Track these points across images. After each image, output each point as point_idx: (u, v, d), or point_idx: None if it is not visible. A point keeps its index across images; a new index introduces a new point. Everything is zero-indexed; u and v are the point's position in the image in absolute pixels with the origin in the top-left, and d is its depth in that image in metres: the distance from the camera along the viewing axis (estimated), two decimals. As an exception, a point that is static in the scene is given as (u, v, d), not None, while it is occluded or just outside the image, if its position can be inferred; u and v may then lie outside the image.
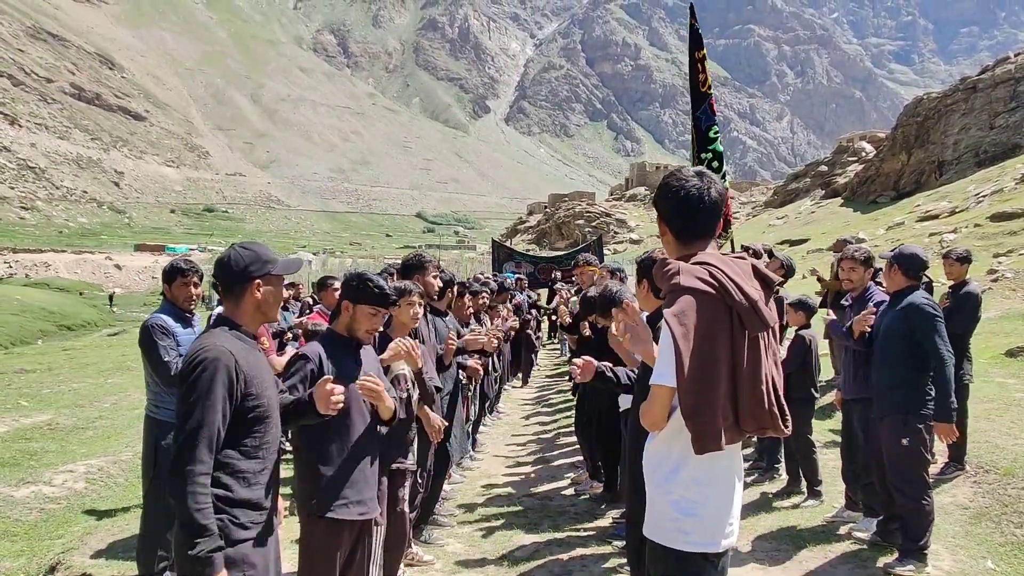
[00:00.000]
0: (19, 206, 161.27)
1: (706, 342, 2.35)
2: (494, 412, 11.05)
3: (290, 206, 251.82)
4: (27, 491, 7.17)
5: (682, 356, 2.31)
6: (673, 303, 2.40)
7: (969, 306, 6.79)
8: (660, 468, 2.51)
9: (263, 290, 2.88)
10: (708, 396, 2.34)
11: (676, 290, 2.41)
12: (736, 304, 2.41)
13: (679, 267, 2.46)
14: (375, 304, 3.59)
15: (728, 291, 2.41)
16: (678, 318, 2.35)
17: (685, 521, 2.44)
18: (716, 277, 2.42)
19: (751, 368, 2.43)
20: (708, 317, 2.37)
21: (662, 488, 2.49)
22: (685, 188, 2.54)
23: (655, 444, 2.55)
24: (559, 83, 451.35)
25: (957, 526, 5.47)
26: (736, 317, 2.42)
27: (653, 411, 2.44)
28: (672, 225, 2.61)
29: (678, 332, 2.33)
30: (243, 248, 2.91)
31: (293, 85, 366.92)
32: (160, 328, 4.84)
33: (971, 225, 24.48)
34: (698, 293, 2.39)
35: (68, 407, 11.81)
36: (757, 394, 2.43)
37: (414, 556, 5.23)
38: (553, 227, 76.37)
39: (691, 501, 2.45)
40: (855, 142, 54.93)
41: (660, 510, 2.50)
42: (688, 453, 2.43)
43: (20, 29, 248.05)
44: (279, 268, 2.93)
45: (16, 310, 37.79)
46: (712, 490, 2.48)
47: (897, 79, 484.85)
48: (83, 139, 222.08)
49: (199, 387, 2.61)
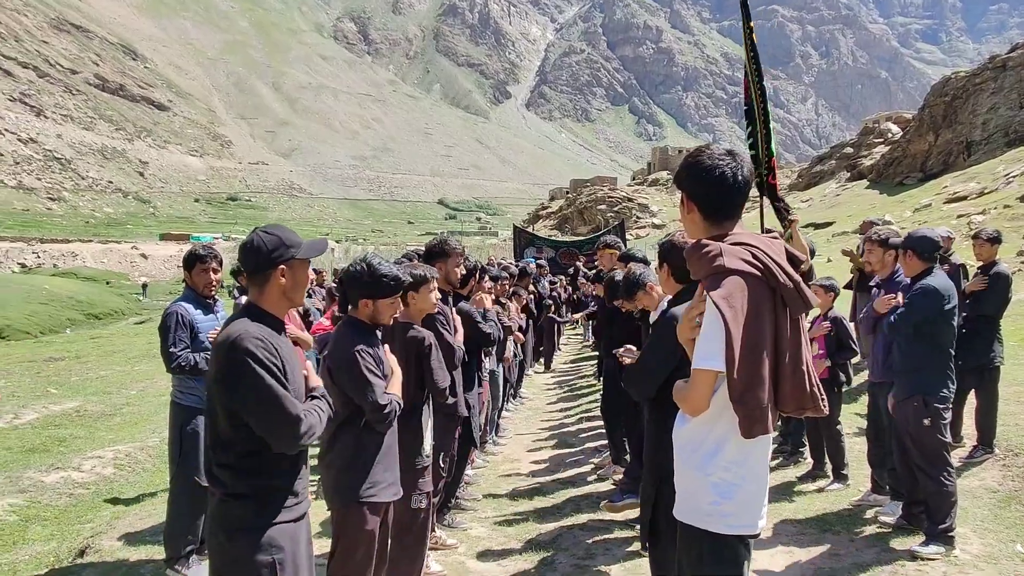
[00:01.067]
0: (46, 197, 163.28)
1: (754, 324, 2.33)
2: (517, 397, 11.07)
3: (312, 194, 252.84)
4: (57, 476, 7.28)
5: (733, 339, 2.28)
6: (718, 285, 2.35)
7: (1000, 287, 6.70)
8: (698, 451, 2.47)
9: (288, 274, 2.83)
10: (758, 379, 2.32)
11: (721, 272, 2.36)
12: (780, 285, 2.40)
13: (721, 248, 2.40)
14: (393, 294, 3.59)
15: (772, 272, 2.39)
16: (727, 300, 2.31)
17: (725, 504, 2.42)
18: (759, 258, 2.40)
19: (793, 350, 2.42)
20: (755, 299, 2.35)
21: (701, 471, 2.46)
22: (719, 167, 2.48)
23: (692, 427, 2.51)
24: (580, 67, 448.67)
25: (986, 509, 5.41)
26: (779, 298, 2.40)
27: (696, 395, 2.40)
28: (702, 205, 2.53)
29: (728, 315, 2.29)
30: (266, 233, 2.85)
31: (314, 73, 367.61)
32: (179, 318, 4.87)
33: (1000, 206, 24.13)
34: (744, 275, 2.36)
35: (96, 394, 11.98)
36: (798, 375, 2.43)
37: (438, 540, 5.24)
38: (575, 212, 76.09)
39: (730, 483, 2.43)
40: (881, 123, 54.21)
41: (698, 493, 2.47)
42: (727, 435, 2.41)
43: (44, 21, 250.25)
44: (303, 252, 2.87)
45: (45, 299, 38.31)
46: (750, 471, 2.46)
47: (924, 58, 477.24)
48: (108, 130, 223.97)
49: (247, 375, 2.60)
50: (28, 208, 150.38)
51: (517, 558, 5.16)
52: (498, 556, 5.21)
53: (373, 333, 3.65)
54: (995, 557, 4.67)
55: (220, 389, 2.66)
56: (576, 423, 9.61)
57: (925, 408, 4.83)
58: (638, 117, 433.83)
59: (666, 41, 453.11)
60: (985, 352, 6.63)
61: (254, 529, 2.64)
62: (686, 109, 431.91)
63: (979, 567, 4.55)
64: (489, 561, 5.12)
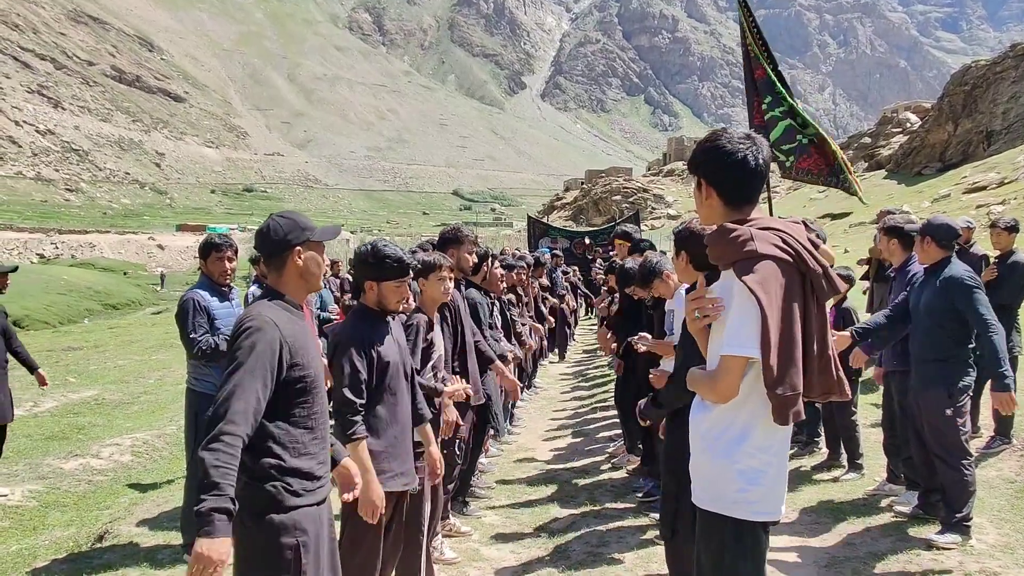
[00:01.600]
0: (64, 188, 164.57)
1: (788, 310, 2.32)
2: (532, 387, 11.08)
3: (328, 185, 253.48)
4: (76, 463, 7.37)
5: (769, 325, 2.27)
6: (750, 270, 2.33)
7: (1017, 276, 6.65)
8: (722, 437, 2.46)
9: (304, 256, 2.85)
10: (793, 365, 2.31)
11: (753, 257, 2.35)
12: (810, 271, 2.40)
13: (751, 232, 2.39)
14: (398, 277, 3.59)
15: (803, 257, 2.39)
16: (762, 285, 2.30)
17: (752, 491, 2.41)
18: (789, 243, 2.39)
19: (820, 335, 2.42)
20: (788, 284, 2.34)
21: (727, 458, 2.44)
22: (740, 151, 2.46)
23: (717, 413, 2.48)
24: (595, 57, 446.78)
25: (1003, 500, 5.38)
26: (808, 284, 2.40)
27: (727, 382, 2.37)
28: (722, 190, 2.51)
29: (764, 300, 2.28)
30: (281, 217, 2.89)
31: (329, 64, 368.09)
32: (195, 304, 4.91)
33: (1020, 196, 23.91)
34: (777, 260, 2.35)
35: (114, 383, 12.11)
36: (825, 361, 2.43)
37: (452, 527, 5.27)
38: (590, 203, 75.92)
39: (756, 470, 2.42)
40: (899, 113, 53.77)
41: (723, 480, 2.45)
42: (754, 421, 2.40)
43: (61, 13, 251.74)
44: (318, 235, 2.91)
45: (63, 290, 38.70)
46: (775, 458, 2.46)
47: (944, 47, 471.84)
48: (125, 121, 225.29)
49: (240, 354, 2.61)
50: (46, 199, 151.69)
51: (531, 545, 5.18)
52: (512, 543, 5.22)
53: (381, 320, 3.62)
54: (1012, 547, 4.65)
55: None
56: (590, 412, 9.62)
57: (948, 399, 4.77)
58: (654, 107, 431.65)
59: (682, 30, 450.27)
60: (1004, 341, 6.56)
61: (279, 512, 2.66)
62: (702, 99, 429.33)
63: (995, 556, 4.52)
64: (503, 548, 5.13)
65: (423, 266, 4.28)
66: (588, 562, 4.82)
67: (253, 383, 2.57)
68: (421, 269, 4.26)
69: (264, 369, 2.61)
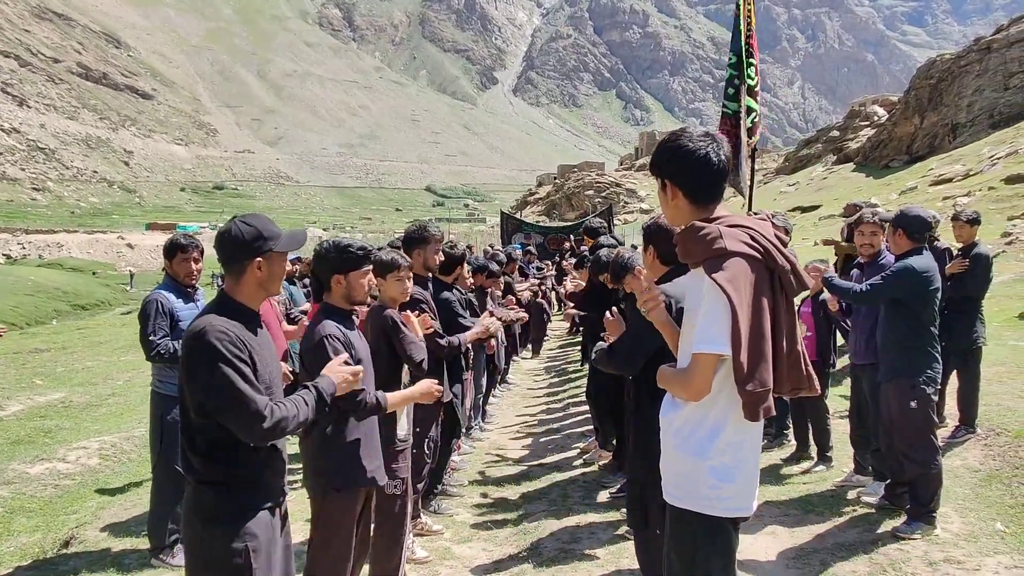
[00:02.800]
0: (30, 187, 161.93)
1: (757, 306, 2.34)
2: (504, 382, 11.07)
3: (299, 182, 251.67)
4: (42, 468, 7.25)
5: (740, 322, 2.28)
6: (720, 268, 2.35)
7: (980, 268, 6.72)
8: (694, 435, 2.45)
9: (265, 267, 2.78)
10: (763, 361, 2.32)
11: (723, 254, 2.36)
12: (778, 267, 2.41)
13: (720, 230, 2.40)
14: (362, 265, 3.56)
15: (771, 254, 2.41)
16: (732, 283, 2.31)
17: (724, 487, 2.41)
18: (758, 240, 2.41)
19: (789, 331, 2.44)
20: (757, 281, 2.36)
21: (698, 455, 2.44)
22: (701, 149, 2.47)
23: (688, 411, 2.49)
24: (567, 52, 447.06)
25: (967, 488, 5.45)
26: (776, 280, 2.42)
27: (700, 380, 2.37)
28: (687, 188, 2.51)
29: (735, 297, 2.30)
30: (244, 223, 2.79)
31: (300, 60, 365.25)
32: (158, 305, 4.85)
33: (985, 188, 24.25)
34: (746, 257, 2.37)
35: (82, 385, 11.93)
36: (794, 356, 2.45)
37: (423, 526, 5.26)
38: (563, 198, 75.96)
39: (728, 467, 2.42)
40: (867, 106, 54.30)
41: (695, 477, 2.45)
42: (725, 418, 2.41)
43: (25, 9, 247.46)
44: (282, 245, 2.82)
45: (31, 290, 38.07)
46: (747, 454, 2.47)
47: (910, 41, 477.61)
48: (92, 119, 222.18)
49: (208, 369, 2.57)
50: (12, 199, 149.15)
51: (503, 543, 5.17)
52: (484, 541, 5.22)
53: (348, 317, 3.61)
54: (975, 536, 4.71)
55: (185, 380, 2.65)
56: (563, 408, 9.62)
57: (911, 390, 4.80)
58: (625, 102, 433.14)
59: (653, 25, 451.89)
60: (968, 333, 6.65)
61: (228, 516, 2.64)
62: (673, 94, 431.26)
63: (959, 546, 4.58)
64: (475, 546, 5.13)
65: (381, 266, 4.22)
66: (560, 558, 4.83)
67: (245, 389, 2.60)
68: (379, 269, 4.22)
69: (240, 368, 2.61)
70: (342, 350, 3.38)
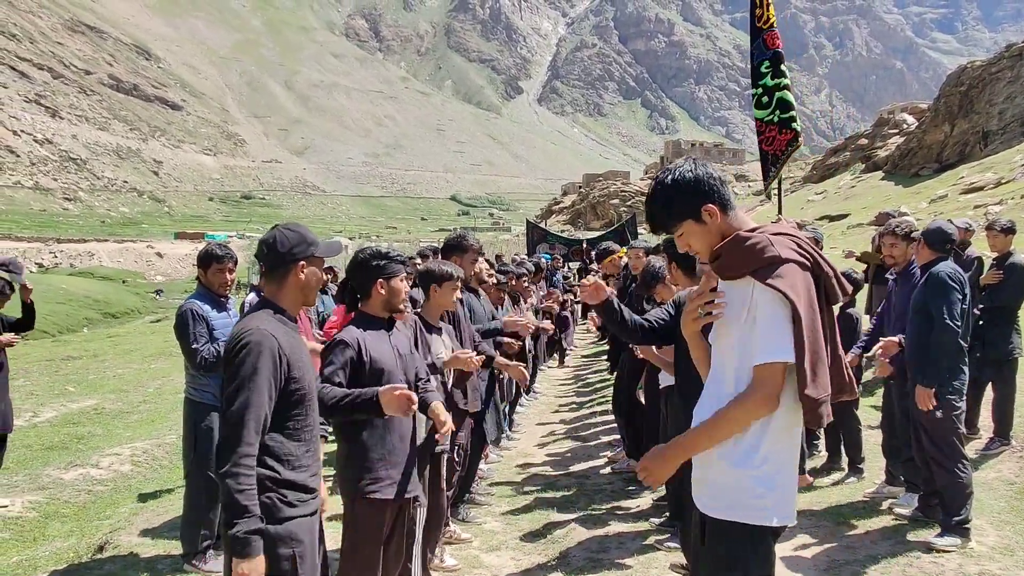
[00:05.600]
0: (62, 197, 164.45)
1: (812, 312, 2.35)
2: (531, 392, 11.07)
3: (326, 191, 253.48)
4: (76, 474, 7.36)
5: (804, 328, 2.29)
6: (775, 275, 2.34)
7: (1016, 278, 6.64)
8: (739, 445, 2.41)
9: (307, 272, 2.89)
10: (823, 367, 2.34)
11: (777, 262, 2.36)
12: (824, 274, 2.44)
13: (768, 239, 2.41)
14: (402, 273, 3.61)
15: (818, 261, 2.44)
16: (793, 288, 2.32)
17: (769, 496, 2.38)
18: (804, 248, 2.43)
19: (831, 336, 2.45)
20: (810, 287, 2.39)
21: (744, 465, 2.40)
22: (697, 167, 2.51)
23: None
24: (592, 62, 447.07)
25: (1002, 501, 5.38)
26: (821, 287, 2.44)
27: (772, 391, 2.33)
28: (721, 203, 2.50)
29: (797, 301, 2.30)
30: (288, 230, 2.91)
31: (326, 71, 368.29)
32: (193, 314, 4.90)
33: (1017, 196, 23.88)
34: (798, 264, 2.38)
35: (113, 392, 12.09)
36: (837, 362, 2.46)
37: (452, 534, 5.27)
38: (588, 207, 75.97)
39: (772, 475, 2.39)
40: (896, 114, 53.75)
41: (740, 487, 2.41)
42: (767, 426, 2.38)
43: (59, 22, 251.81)
44: (322, 251, 2.94)
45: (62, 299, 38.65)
46: (788, 461, 2.45)
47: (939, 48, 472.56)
48: (122, 129, 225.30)
49: (244, 370, 2.64)
50: (45, 208, 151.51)
51: (531, 552, 5.18)
52: (512, 550, 5.22)
53: (382, 326, 3.61)
54: (1011, 549, 4.65)
55: (225, 375, 2.72)
56: (589, 417, 9.61)
57: (936, 399, 4.81)
58: (650, 111, 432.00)
59: (678, 34, 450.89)
60: (1004, 344, 6.57)
61: (275, 523, 2.68)
62: (699, 102, 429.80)
63: (995, 559, 4.52)
64: (503, 555, 5.14)
65: (441, 275, 4.34)
66: (588, 568, 4.82)
67: (260, 399, 2.62)
68: (438, 277, 4.32)
69: (268, 384, 2.65)
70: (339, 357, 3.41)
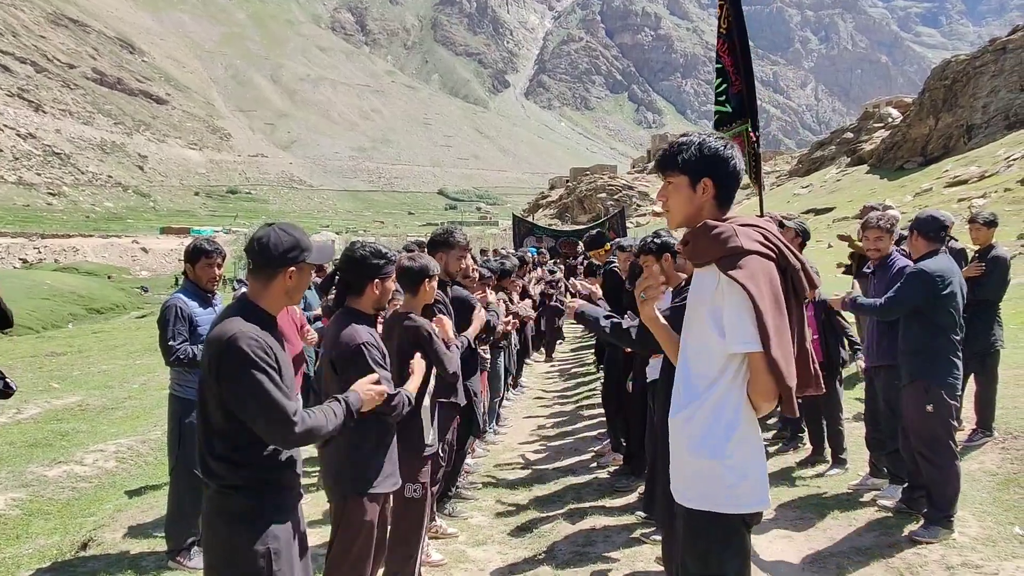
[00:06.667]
0: (46, 192, 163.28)
1: (777, 303, 2.34)
2: (517, 386, 11.07)
3: (312, 186, 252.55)
4: (59, 471, 7.30)
5: (765, 318, 2.28)
6: (736, 266, 2.34)
7: (998, 271, 6.68)
8: (711, 435, 2.44)
9: (295, 277, 2.83)
10: (789, 357, 2.33)
11: (738, 253, 2.37)
12: (790, 266, 2.43)
13: (733, 229, 2.42)
14: (393, 274, 3.61)
15: (783, 253, 2.42)
16: (752, 279, 2.32)
17: (740, 485, 2.41)
18: (770, 239, 2.43)
19: (799, 329, 2.45)
20: (773, 278, 2.37)
21: (717, 455, 2.42)
22: (736, 158, 2.53)
23: (701, 410, 2.46)
24: (579, 55, 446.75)
25: (984, 492, 5.42)
26: (788, 280, 2.43)
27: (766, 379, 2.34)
28: (722, 189, 2.53)
29: (756, 293, 2.30)
30: (283, 231, 2.84)
31: (312, 65, 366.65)
32: (178, 311, 4.86)
33: (1001, 190, 24.08)
34: (761, 255, 2.38)
35: (98, 388, 12.00)
36: (804, 354, 2.47)
37: (438, 528, 5.27)
38: (575, 201, 75.93)
39: (743, 463, 2.42)
40: (881, 108, 53.99)
41: (713, 477, 2.43)
42: (738, 416, 2.41)
43: (41, 16, 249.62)
44: (315, 256, 2.89)
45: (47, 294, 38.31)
46: (756, 449, 2.47)
47: (924, 42, 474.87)
48: (106, 124, 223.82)
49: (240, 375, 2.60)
50: (28, 204, 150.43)
51: (517, 546, 5.18)
52: (498, 544, 5.23)
53: (371, 322, 3.61)
54: (993, 540, 4.68)
55: (215, 385, 2.65)
56: (576, 411, 9.62)
57: (926, 394, 4.79)
58: (637, 105, 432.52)
59: (665, 28, 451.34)
60: (985, 336, 6.61)
61: (253, 519, 2.67)
62: (685, 96, 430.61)
63: (977, 550, 4.56)
64: (489, 549, 5.14)
65: (432, 270, 4.35)
66: (575, 561, 4.83)
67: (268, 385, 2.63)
68: (431, 272, 4.35)
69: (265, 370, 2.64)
70: (380, 360, 3.42)
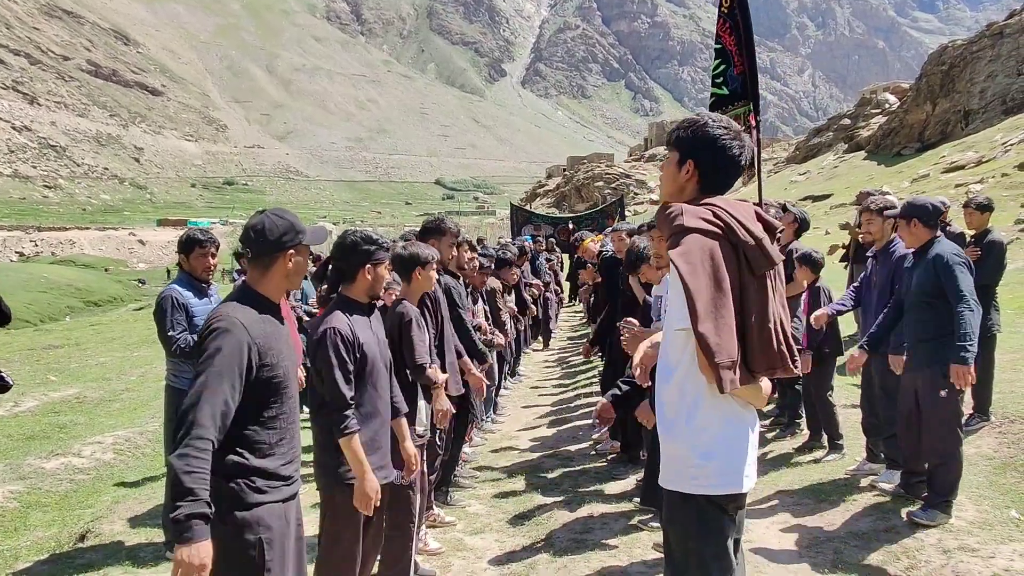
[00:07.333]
0: (42, 185, 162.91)
1: (717, 280, 2.32)
2: (515, 375, 11.08)
3: (309, 176, 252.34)
4: (57, 463, 7.30)
5: (693, 295, 2.27)
6: (676, 244, 2.36)
7: (994, 255, 6.67)
8: (678, 416, 2.45)
9: (294, 260, 2.84)
10: (726, 333, 2.30)
11: (681, 231, 2.37)
12: (741, 241, 2.39)
13: (682, 208, 2.42)
14: (386, 260, 3.60)
15: (732, 228, 2.38)
16: (684, 257, 2.32)
17: (708, 465, 2.41)
18: (720, 216, 2.39)
19: (759, 308, 2.41)
20: (715, 255, 2.34)
21: (684, 435, 2.44)
22: (736, 148, 2.49)
23: (669, 393, 2.48)
24: (575, 43, 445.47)
25: (981, 476, 5.42)
26: (743, 256, 2.39)
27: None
28: (707, 174, 2.52)
29: (686, 270, 2.29)
30: (278, 216, 2.85)
31: (308, 55, 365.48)
32: (174, 301, 4.86)
33: (998, 175, 24.03)
34: (703, 232, 2.36)
35: (95, 381, 12.00)
36: (765, 334, 2.41)
37: (436, 517, 5.27)
38: (572, 190, 75.80)
39: (710, 444, 2.41)
40: (878, 94, 53.78)
41: (682, 458, 2.45)
42: (701, 396, 2.40)
43: (35, 7, 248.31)
44: (309, 239, 2.89)
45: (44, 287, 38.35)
46: (726, 429, 2.44)
47: (921, 27, 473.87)
48: (102, 116, 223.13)
49: (207, 356, 2.60)
50: (25, 196, 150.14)
51: (515, 534, 5.19)
52: (496, 532, 5.23)
53: (364, 311, 3.57)
54: (990, 523, 4.69)
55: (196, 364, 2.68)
56: (574, 399, 9.63)
57: (943, 379, 4.74)
58: (634, 92, 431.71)
59: (661, 15, 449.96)
60: (982, 321, 6.59)
61: (242, 508, 2.66)
62: (682, 83, 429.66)
63: (974, 533, 4.56)
64: (487, 537, 5.14)
65: (423, 258, 4.32)
66: (572, 549, 4.83)
67: (221, 386, 2.56)
68: (424, 260, 4.33)
69: (232, 372, 2.60)
70: (343, 351, 3.36)
